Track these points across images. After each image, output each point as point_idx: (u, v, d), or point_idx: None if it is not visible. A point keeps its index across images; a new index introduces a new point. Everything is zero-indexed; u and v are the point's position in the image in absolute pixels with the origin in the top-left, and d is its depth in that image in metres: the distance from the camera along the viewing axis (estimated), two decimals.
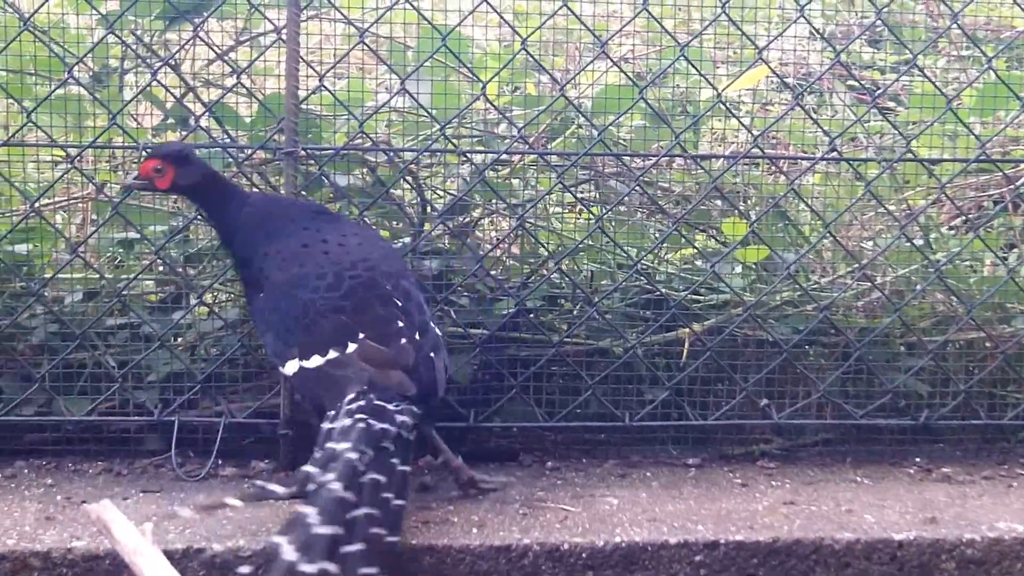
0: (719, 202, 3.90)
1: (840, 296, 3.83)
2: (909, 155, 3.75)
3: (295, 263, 3.21)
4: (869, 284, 3.84)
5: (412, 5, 3.49)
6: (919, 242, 3.87)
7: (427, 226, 3.78)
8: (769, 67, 3.66)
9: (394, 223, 3.86)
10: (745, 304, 3.73)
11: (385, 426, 2.89)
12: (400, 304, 3.16)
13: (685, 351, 3.70)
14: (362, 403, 2.94)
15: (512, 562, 3.06)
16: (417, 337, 3.12)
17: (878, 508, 3.37)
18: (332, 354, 3.06)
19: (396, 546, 2.73)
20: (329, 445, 2.84)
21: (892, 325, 3.84)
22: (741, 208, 3.84)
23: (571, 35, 3.92)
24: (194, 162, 3.28)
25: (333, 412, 2.95)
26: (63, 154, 3.64)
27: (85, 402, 3.55)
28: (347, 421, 2.89)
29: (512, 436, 3.77)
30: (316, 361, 3.06)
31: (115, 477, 3.49)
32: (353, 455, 2.79)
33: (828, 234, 3.76)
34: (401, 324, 3.11)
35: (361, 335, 3.07)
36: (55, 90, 3.50)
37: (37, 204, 3.53)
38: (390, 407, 2.94)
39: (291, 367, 3.10)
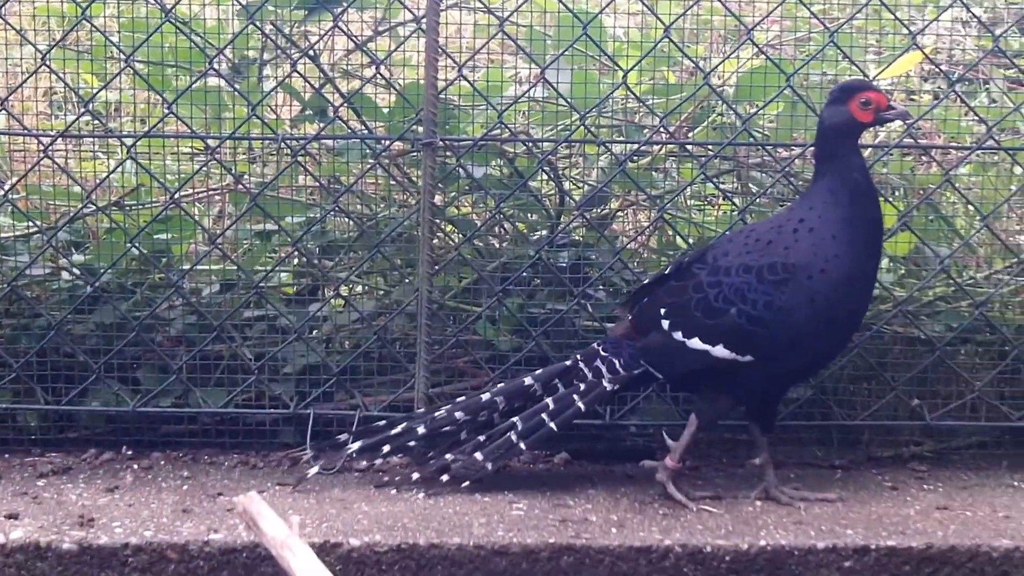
0: None
1: (996, 292, 3.67)
2: None
3: None
4: None
5: None
6: None
7: (564, 218, 3.71)
8: (924, 53, 3.51)
9: (530, 215, 3.79)
10: (895, 300, 3.59)
11: None
12: None
13: None
14: None
15: (653, 563, 3.00)
16: None
17: None
18: None
19: None
20: None
21: None
22: (891, 200, 3.68)
23: (706, 23, 3.82)
24: None
25: None
26: (201, 146, 3.64)
27: (221, 394, 3.56)
28: None
29: (649, 435, 3.67)
30: None
31: (251, 469, 3.50)
32: None
33: (984, 227, 3.62)
34: None
35: None
36: (196, 81, 3.51)
37: (177, 195, 3.54)
38: None
39: None
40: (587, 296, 3.63)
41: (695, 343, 3.20)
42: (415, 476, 3.36)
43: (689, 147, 3.69)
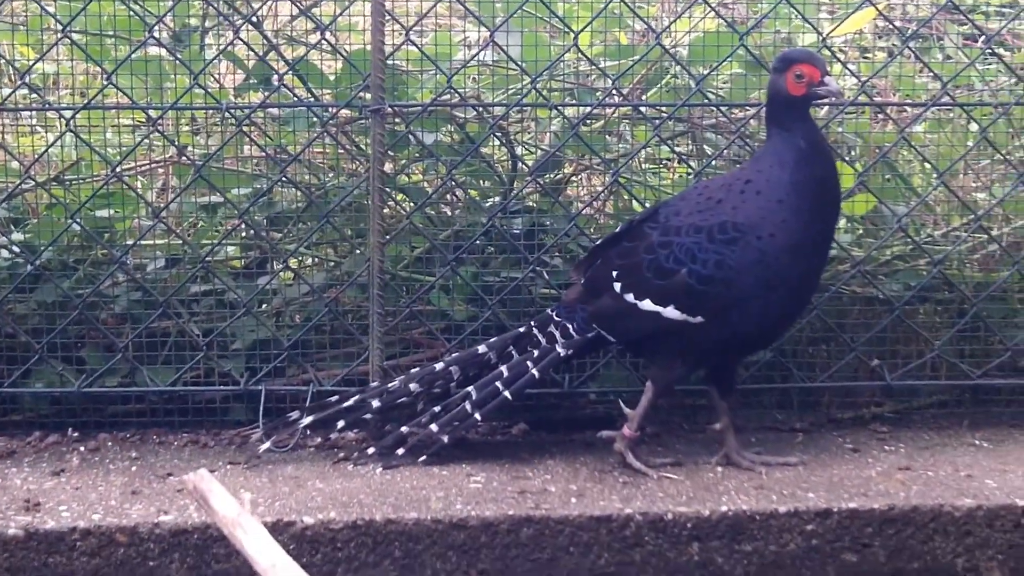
0: None
1: (954, 249, 3.65)
2: None
3: None
4: (985, 236, 3.67)
5: None
6: None
7: (517, 184, 3.65)
8: (878, 9, 3.47)
9: (483, 182, 3.73)
10: (853, 260, 3.56)
11: None
12: None
13: None
14: None
15: (613, 532, 2.96)
16: None
17: (1000, 473, 3.22)
18: None
19: None
20: None
21: (1010, 279, 3.65)
22: (847, 159, 3.65)
23: None
24: None
25: None
26: (143, 117, 3.56)
27: (169, 372, 3.49)
28: None
29: (609, 402, 3.63)
30: None
31: (201, 449, 3.43)
32: None
33: (940, 184, 3.59)
34: None
35: None
36: (135, 51, 3.43)
37: (119, 168, 3.46)
38: None
39: None
40: (542, 263, 3.57)
41: (647, 305, 3.15)
42: (371, 450, 3.30)
43: (643, 109, 3.63)
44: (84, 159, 3.59)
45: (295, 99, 3.50)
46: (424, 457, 3.25)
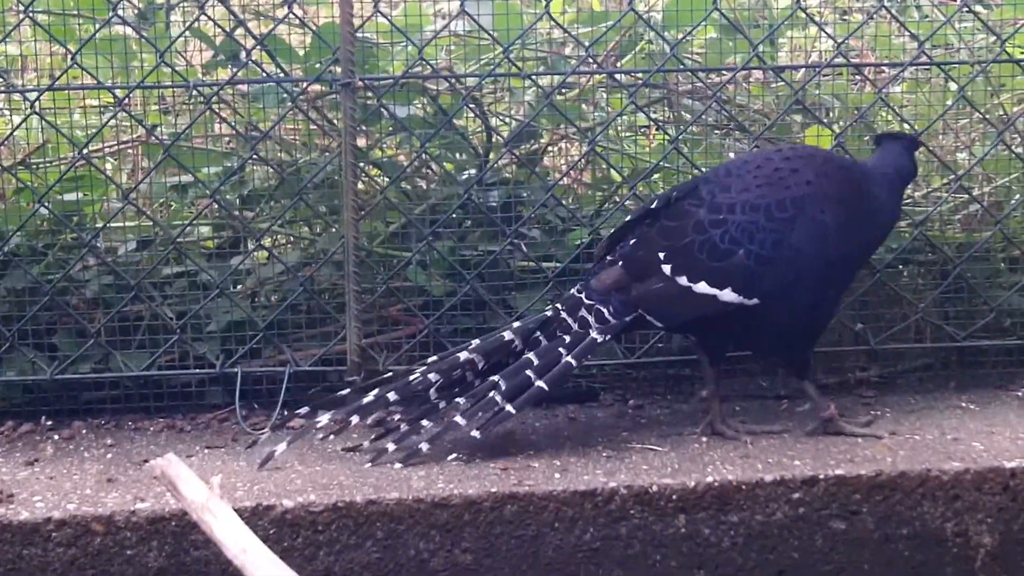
0: (798, 117, 3.69)
1: (936, 210, 3.62)
2: (1004, 56, 3.53)
3: None
4: (966, 196, 3.64)
5: None
6: (1019, 149, 3.64)
7: (492, 155, 3.60)
8: None
9: (458, 154, 3.69)
10: None
11: None
12: None
13: None
14: None
15: (598, 507, 2.93)
16: None
17: (987, 435, 3.20)
18: None
19: None
20: None
21: (992, 239, 3.63)
22: (825, 121, 3.61)
23: None
24: None
25: None
26: (110, 97, 3.50)
27: (143, 356, 3.43)
28: None
29: (591, 375, 3.59)
30: None
31: (177, 434, 3.38)
32: None
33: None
34: None
35: None
36: (99, 30, 3.37)
37: (86, 150, 3.41)
38: None
39: None
40: (520, 235, 3.52)
41: (702, 287, 3.08)
42: (391, 447, 3.14)
43: (618, 76, 3.58)
44: (51, 142, 3.53)
45: (264, 75, 3.45)
46: (454, 455, 3.11)
